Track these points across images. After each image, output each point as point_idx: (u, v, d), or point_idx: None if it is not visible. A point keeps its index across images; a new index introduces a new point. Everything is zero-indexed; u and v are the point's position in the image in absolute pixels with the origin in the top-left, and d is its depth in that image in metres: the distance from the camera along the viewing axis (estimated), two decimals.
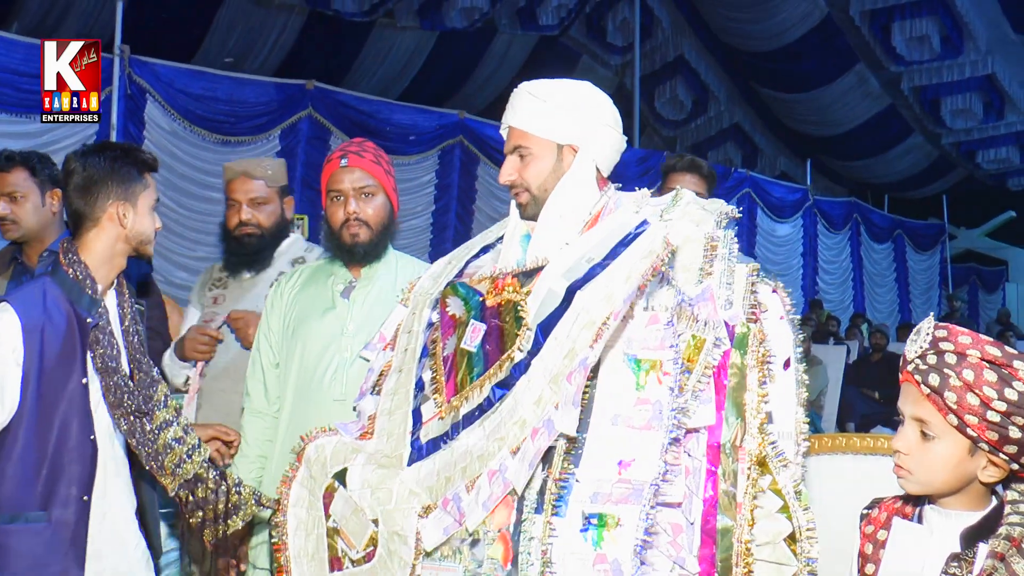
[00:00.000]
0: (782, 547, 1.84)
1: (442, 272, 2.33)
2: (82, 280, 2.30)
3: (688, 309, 1.87)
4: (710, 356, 1.83)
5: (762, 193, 14.02)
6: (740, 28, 13.89)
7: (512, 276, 2.07)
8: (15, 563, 2.18)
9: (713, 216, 2.02)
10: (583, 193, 2.12)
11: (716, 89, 15.27)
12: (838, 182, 17.59)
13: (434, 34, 11.83)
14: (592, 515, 1.77)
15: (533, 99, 2.14)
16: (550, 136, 2.12)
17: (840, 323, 13.34)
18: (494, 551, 1.86)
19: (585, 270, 1.95)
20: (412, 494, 2.00)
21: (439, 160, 9.99)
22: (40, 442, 2.21)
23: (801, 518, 1.86)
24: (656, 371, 1.84)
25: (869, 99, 14.93)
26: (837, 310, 14.65)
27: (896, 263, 17.45)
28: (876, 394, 9.55)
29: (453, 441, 2.00)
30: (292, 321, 2.72)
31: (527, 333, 1.97)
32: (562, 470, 1.82)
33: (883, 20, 13.40)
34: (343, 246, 2.69)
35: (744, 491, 1.83)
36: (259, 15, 10.76)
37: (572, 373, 1.83)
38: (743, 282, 1.95)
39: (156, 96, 8.14)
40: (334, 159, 2.72)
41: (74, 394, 2.24)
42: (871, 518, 1.88)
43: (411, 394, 2.15)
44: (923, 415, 1.73)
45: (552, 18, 12.30)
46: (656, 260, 1.88)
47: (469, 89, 12.68)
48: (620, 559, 1.73)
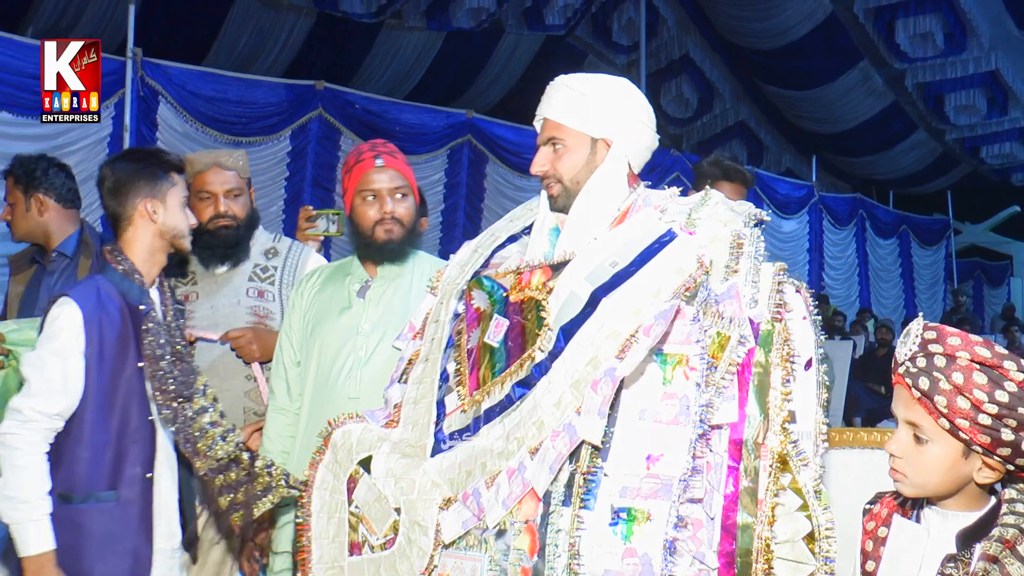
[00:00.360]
0: (801, 546, 1.84)
1: (468, 260, 2.32)
2: (129, 273, 2.48)
3: (714, 306, 1.87)
4: (734, 353, 1.84)
5: (768, 190, 14.01)
6: (745, 26, 13.85)
7: (540, 269, 2.07)
8: (90, 540, 2.34)
9: (741, 216, 2.03)
10: (614, 188, 2.13)
11: (721, 87, 15.23)
12: (843, 178, 17.54)
13: (441, 34, 11.82)
14: (621, 509, 1.79)
15: (570, 91, 2.14)
16: (585, 129, 2.12)
17: (846, 318, 13.31)
18: (520, 542, 1.87)
19: (609, 275, 1.94)
20: (434, 485, 2.01)
21: (448, 159, 10.01)
22: (105, 425, 2.37)
23: (821, 517, 1.85)
24: (683, 366, 1.85)
25: (873, 96, 14.88)
26: (843, 305, 14.62)
27: (901, 258, 17.42)
28: (882, 389, 9.54)
29: (474, 436, 2.02)
30: (311, 321, 2.72)
31: (548, 333, 1.97)
32: (590, 464, 1.82)
33: (887, 17, 13.35)
34: (374, 244, 2.68)
35: (765, 488, 1.82)
36: (268, 17, 10.76)
37: (598, 382, 1.83)
38: (769, 281, 1.94)
39: (168, 98, 8.16)
40: (367, 159, 2.69)
41: (132, 378, 2.41)
42: (873, 513, 1.88)
43: (436, 384, 2.16)
44: (915, 419, 1.71)
45: (558, 18, 12.27)
46: (688, 280, 1.89)
47: (476, 89, 12.67)
48: (650, 553, 1.75)
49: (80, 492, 2.34)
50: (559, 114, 2.14)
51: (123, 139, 7.87)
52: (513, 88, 12.79)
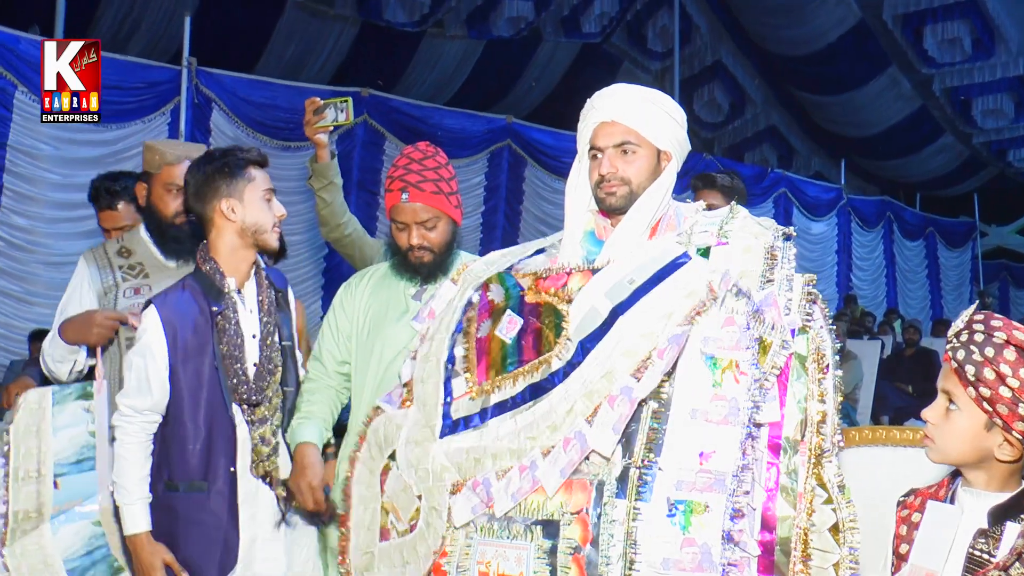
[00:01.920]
0: (827, 536, 1.87)
1: (495, 261, 2.34)
2: (211, 274, 2.51)
3: (758, 314, 1.92)
4: (777, 357, 1.88)
5: (797, 192, 13.92)
6: (776, 33, 13.77)
7: (580, 273, 2.09)
8: (186, 527, 2.47)
9: (770, 231, 2.08)
10: (665, 199, 2.16)
11: (752, 92, 15.15)
12: (871, 181, 17.36)
13: (481, 42, 11.87)
14: (679, 501, 1.82)
15: (645, 102, 2.17)
16: (655, 140, 2.15)
17: (875, 319, 13.17)
18: (571, 532, 1.90)
19: (628, 292, 1.98)
20: (444, 469, 2.06)
21: (488, 163, 10.04)
22: (195, 420, 2.47)
23: (845, 510, 1.88)
24: (733, 370, 1.89)
25: (901, 100, 14.74)
26: (870, 306, 14.47)
27: (928, 260, 17.20)
28: (909, 388, 9.42)
29: (483, 425, 2.05)
30: (368, 324, 2.71)
31: (567, 343, 2.00)
32: (644, 459, 1.87)
33: (915, 23, 13.23)
34: (410, 266, 2.68)
35: (803, 482, 1.87)
36: (315, 26, 10.86)
37: (615, 399, 1.89)
38: (800, 291, 1.99)
39: (221, 105, 8.26)
40: (395, 191, 2.64)
41: (212, 377, 2.48)
42: (907, 503, 1.92)
43: (442, 364, 2.17)
44: (949, 387, 1.79)
45: (595, 26, 12.29)
46: (699, 304, 1.93)
47: (515, 94, 12.71)
48: (709, 543, 1.79)
49: (181, 481, 2.47)
50: (636, 122, 2.15)
51: None
52: (551, 94, 12.81)
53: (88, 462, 2.67)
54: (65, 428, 2.66)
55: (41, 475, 2.62)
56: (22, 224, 7.39)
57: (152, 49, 9.41)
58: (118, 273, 2.92)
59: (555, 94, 12.69)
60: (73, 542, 2.62)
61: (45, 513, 2.60)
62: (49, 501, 2.61)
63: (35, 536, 2.59)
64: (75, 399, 2.70)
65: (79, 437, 2.68)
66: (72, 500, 2.64)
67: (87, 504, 2.65)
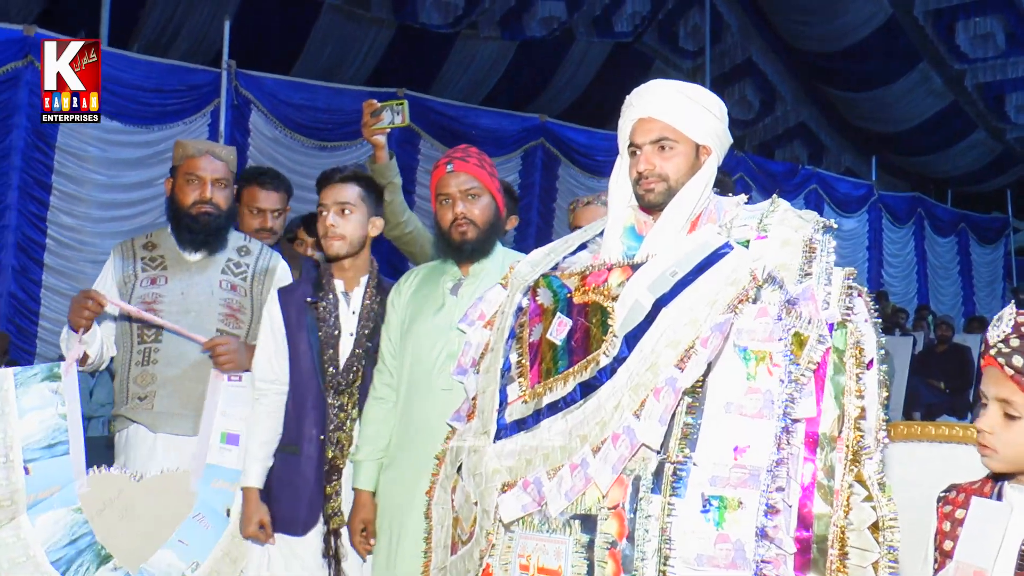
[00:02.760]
0: (866, 534, 1.84)
1: (540, 261, 2.32)
2: (323, 272, 2.85)
3: (792, 307, 1.88)
4: (813, 352, 1.84)
5: (828, 189, 13.79)
6: (806, 30, 13.64)
7: (619, 268, 2.07)
8: (279, 486, 2.74)
9: (810, 223, 2.04)
10: (705, 193, 2.14)
11: (783, 90, 15.02)
12: (902, 177, 17.14)
13: (515, 43, 11.86)
14: (713, 497, 1.80)
15: (682, 97, 2.14)
16: (694, 135, 2.13)
17: (908, 315, 13.01)
18: (608, 526, 1.88)
19: (671, 284, 1.95)
20: (495, 472, 2.06)
21: (522, 161, 10.04)
22: (296, 391, 2.77)
23: (884, 508, 1.85)
24: (766, 362, 1.85)
25: (932, 96, 14.53)
26: (901, 302, 14.30)
27: (960, 256, 16.94)
28: (942, 384, 9.30)
29: (535, 426, 2.04)
30: (407, 319, 2.75)
31: (614, 340, 1.98)
32: (679, 454, 1.84)
33: (947, 19, 13.04)
34: (453, 244, 2.70)
35: (841, 479, 1.84)
36: (352, 29, 10.91)
37: (660, 390, 1.86)
38: (839, 284, 1.95)
39: (259, 106, 8.32)
40: (440, 165, 2.73)
41: (307, 355, 2.76)
42: (949, 499, 1.88)
43: (499, 373, 2.18)
44: (1006, 395, 1.73)
45: (627, 25, 12.25)
46: (742, 292, 1.90)
47: (548, 94, 12.69)
48: (743, 539, 1.76)
49: (282, 443, 2.75)
50: (673, 117, 2.13)
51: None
52: (584, 93, 12.78)
53: (61, 446, 2.61)
54: (32, 410, 2.58)
55: (9, 460, 2.53)
56: (70, 223, 7.49)
57: (193, 53, 9.51)
58: (139, 264, 2.97)
59: (588, 93, 12.67)
60: (54, 531, 2.56)
61: (19, 502, 2.52)
62: (22, 488, 2.53)
63: (12, 528, 2.52)
64: (40, 380, 2.62)
65: (49, 420, 2.60)
66: (48, 487, 2.58)
67: (64, 490, 2.60)
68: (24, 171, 7.14)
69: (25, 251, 7.22)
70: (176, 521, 2.73)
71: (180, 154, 2.99)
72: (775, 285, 1.91)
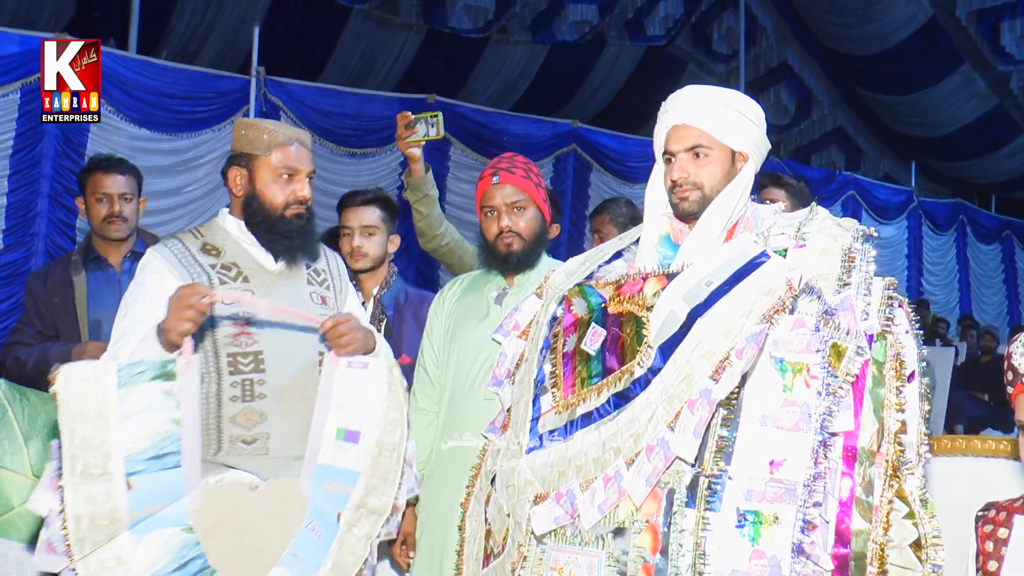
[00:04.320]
0: (908, 552, 1.82)
1: (576, 270, 2.32)
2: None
3: (830, 317, 1.86)
4: (851, 364, 1.81)
5: (866, 195, 13.66)
6: (843, 32, 13.53)
7: (655, 278, 2.06)
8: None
9: (849, 232, 2.02)
10: (742, 201, 2.13)
11: (819, 93, 14.92)
12: (943, 183, 16.93)
13: (546, 47, 11.87)
14: (748, 512, 1.78)
15: (718, 104, 2.14)
16: (729, 142, 2.12)
17: (949, 325, 12.84)
18: (642, 540, 1.88)
19: (705, 295, 1.94)
20: (527, 483, 2.05)
21: (553, 167, 10.03)
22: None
23: (927, 525, 1.83)
24: (803, 374, 1.83)
25: (975, 99, 14.33)
26: (943, 312, 14.12)
27: (1004, 264, 16.69)
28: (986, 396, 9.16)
29: (568, 438, 2.03)
30: (450, 328, 2.78)
31: (648, 351, 1.97)
32: (714, 467, 1.83)
33: (991, 20, 12.85)
34: (498, 256, 2.73)
35: (880, 495, 1.82)
36: (381, 34, 10.96)
37: (695, 403, 1.84)
38: (879, 295, 1.93)
39: (288, 113, 8.36)
40: (486, 177, 2.75)
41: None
42: (988, 518, 1.90)
43: (532, 384, 2.18)
44: None
45: (659, 29, 12.22)
46: (778, 302, 1.87)
47: (580, 98, 12.69)
48: (779, 555, 1.74)
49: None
50: (707, 124, 2.12)
51: None
52: (616, 98, 12.76)
53: (171, 457, 2.19)
54: (136, 415, 2.15)
55: (108, 473, 2.12)
56: None
57: (222, 60, 9.60)
58: (212, 275, 2.39)
59: (620, 98, 12.65)
60: (161, 554, 2.19)
61: (120, 520, 2.14)
62: (124, 505, 2.14)
63: (112, 548, 2.14)
64: (149, 379, 2.17)
65: (158, 426, 2.17)
66: (154, 504, 2.19)
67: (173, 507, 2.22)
68: (54, 179, 7.22)
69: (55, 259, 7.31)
70: (290, 533, 2.33)
71: (264, 140, 2.43)
72: (813, 295, 1.88)
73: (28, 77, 6.84)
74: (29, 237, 7.23)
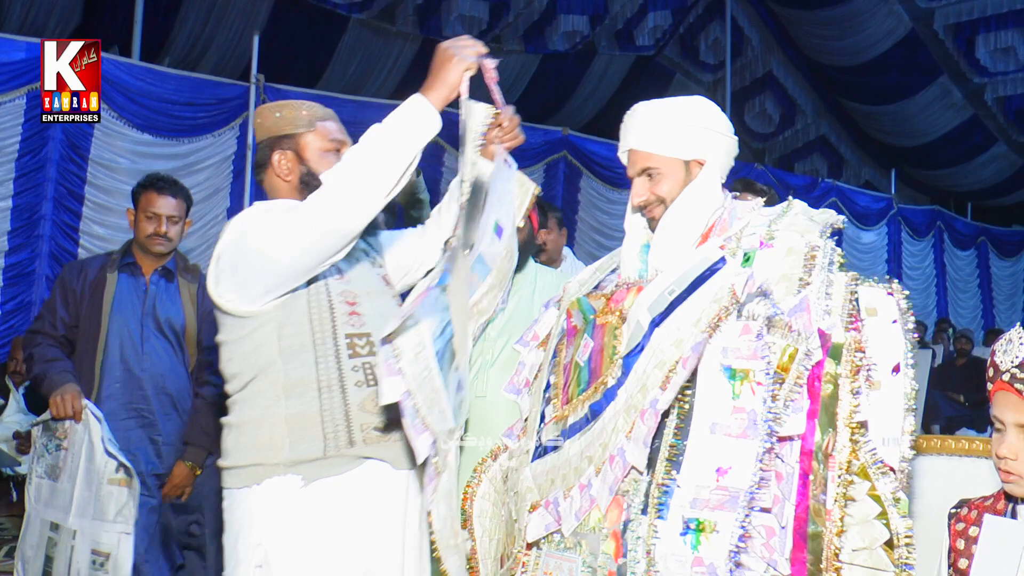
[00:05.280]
0: (879, 553, 1.78)
1: (587, 280, 2.30)
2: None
3: (783, 319, 1.81)
4: (801, 366, 1.77)
5: (848, 202, 13.70)
6: (826, 44, 13.58)
7: (635, 288, 2.05)
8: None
9: (819, 226, 1.97)
10: (707, 203, 2.06)
11: (803, 103, 14.97)
12: (922, 191, 16.98)
13: (538, 56, 11.88)
14: (691, 519, 1.75)
15: (654, 120, 2.08)
16: (676, 154, 2.06)
17: (927, 328, 12.88)
18: (607, 547, 1.88)
19: (666, 304, 1.92)
20: (528, 490, 2.07)
21: (545, 173, 10.04)
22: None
23: (899, 525, 1.77)
24: (750, 381, 1.78)
25: (952, 110, 14.40)
26: (920, 315, 14.14)
27: (980, 269, 16.75)
28: (961, 397, 9.20)
29: (561, 447, 2.04)
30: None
31: (618, 361, 1.97)
32: (664, 476, 1.81)
33: (967, 33, 12.93)
34: None
35: (834, 499, 1.76)
36: (377, 43, 10.97)
37: (645, 412, 1.83)
38: (842, 291, 1.87)
39: None
40: None
41: None
42: (960, 516, 1.85)
43: (542, 394, 2.19)
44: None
45: (648, 39, 12.26)
46: (721, 311, 1.84)
47: (571, 107, 12.70)
48: (716, 563, 1.70)
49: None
50: (649, 144, 2.07)
51: (246, 157, 8.11)
52: (606, 106, 12.76)
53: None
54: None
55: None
56: (102, 233, 7.57)
57: (223, 67, 9.59)
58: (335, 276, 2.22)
59: (610, 106, 12.64)
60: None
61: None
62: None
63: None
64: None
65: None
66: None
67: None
68: (58, 182, 7.24)
69: (59, 260, 7.30)
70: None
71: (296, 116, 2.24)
72: (764, 299, 1.84)
73: (34, 83, 6.86)
74: (34, 239, 7.24)
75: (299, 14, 10.07)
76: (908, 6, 12.71)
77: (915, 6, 12.70)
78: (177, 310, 3.41)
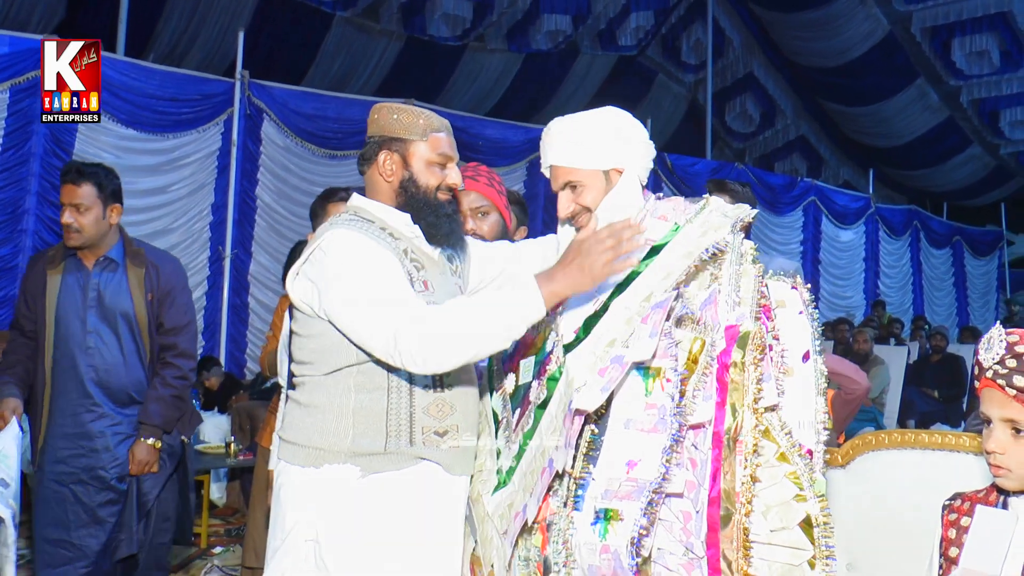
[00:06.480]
0: (797, 532, 1.85)
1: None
2: None
3: (691, 315, 1.90)
4: (708, 356, 1.86)
5: (827, 201, 13.77)
6: (806, 46, 13.66)
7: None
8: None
9: (731, 221, 2.02)
10: (627, 207, 2.11)
11: (783, 104, 15.06)
12: (899, 191, 17.12)
13: (521, 55, 11.89)
14: (601, 510, 1.81)
15: (570, 136, 2.12)
16: (596, 165, 2.11)
17: (904, 326, 12.97)
18: (536, 539, 1.94)
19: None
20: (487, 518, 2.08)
21: (527, 171, 10.04)
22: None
23: (814, 505, 1.85)
24: (660, 378, 1.86)
25: (929, 112, 14.54)
26: (897, 312, 14.28)
27: (955, 268, 16.91)
28: (935, 393, 9.28)
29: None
30: None
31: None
32: (581, 469, 1.86)
33: (944, 36, 13.04)
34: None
35: (741, 482, 1.83)
36: (362, 40, 10.95)
37: (605, 369, 1.87)
38: (752, 283, 1.95)
39: (272, 116, 8.32)
40: None
41: None
42: (954, 507, 1.86)
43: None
44: (1013, 415, 1.71)
45: (631, 39, 12.28)
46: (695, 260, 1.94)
47: (554, 105, 12.70)
48: (619, 549, 1.76)
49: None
50: (567, 160, 2.12)
51: (231, 153, 8.07)
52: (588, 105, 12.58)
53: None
54: None
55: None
56: None
57: (207, 63, 9.54)
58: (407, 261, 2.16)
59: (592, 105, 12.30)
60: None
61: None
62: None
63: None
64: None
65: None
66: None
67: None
68: (42, 177, 7.15)
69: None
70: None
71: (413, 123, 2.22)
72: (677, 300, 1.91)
73: (17, 77, 6.78)
74: (17, 234, 7.16)
75: (284, 11, 10.04)
76: (886, 9, 12.80)
77: (893, 9, 12.80)
78: (126, 299, 3.28)
